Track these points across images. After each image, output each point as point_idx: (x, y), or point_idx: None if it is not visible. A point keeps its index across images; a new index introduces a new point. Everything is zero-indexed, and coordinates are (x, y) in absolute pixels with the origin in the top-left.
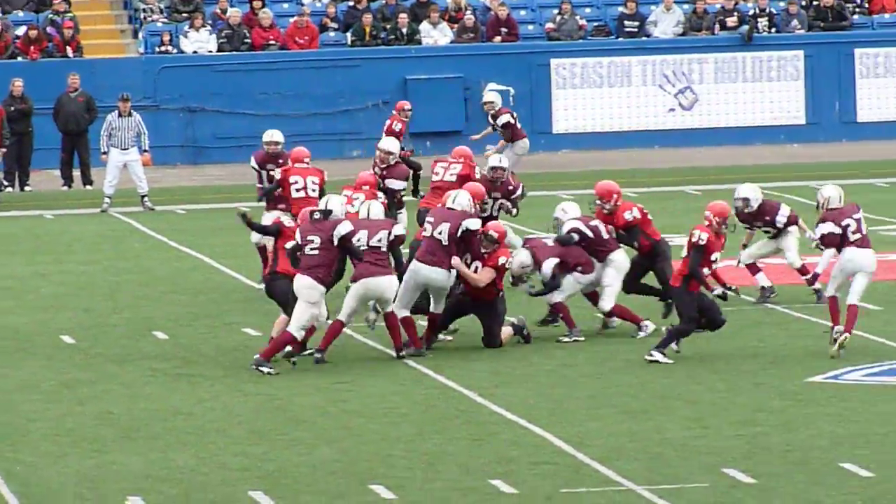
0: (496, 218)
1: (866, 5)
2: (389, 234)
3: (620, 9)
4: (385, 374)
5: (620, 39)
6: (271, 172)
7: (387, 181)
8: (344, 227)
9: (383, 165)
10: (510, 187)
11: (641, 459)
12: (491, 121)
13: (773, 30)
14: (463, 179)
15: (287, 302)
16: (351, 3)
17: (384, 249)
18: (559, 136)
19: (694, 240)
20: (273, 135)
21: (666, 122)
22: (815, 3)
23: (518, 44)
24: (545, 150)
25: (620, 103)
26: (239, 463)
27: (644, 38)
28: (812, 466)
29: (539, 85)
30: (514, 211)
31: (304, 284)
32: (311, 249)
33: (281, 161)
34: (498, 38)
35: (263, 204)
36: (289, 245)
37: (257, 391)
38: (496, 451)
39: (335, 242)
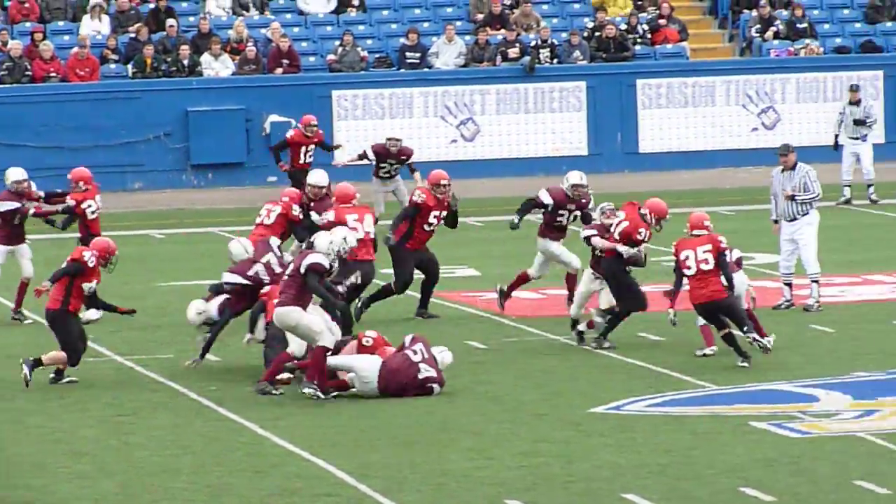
0: (565, 228)
1: (649, 36)
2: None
3: (402, 40)
4: (167, 407)
5: (402, 71)
6: (29, 209)
7: (312, 213)
8: (311, 258)
9: (315, 200)
10: (584, 201)
11: (424, 490)
12: (390, 157)
13: (556, 61)
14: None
15: (67, 340)
16: (132, 35)
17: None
18: (340, 167)
19: (724, 246)
20: (19, 173)
21: (448, 153)
22: (597, 34)
23: (300, 75)
24: None
25: (402, 134)
26: (20, 497)
27: (426, 70)
28: (594, 497)
29: (321, 116)
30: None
31: (276, 313)
32: (286, 276)
33: (28, 192)
34: (280, 70)
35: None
36: (87, 286)
37: (39, 424)
38: (278, 483)
39: (301, 272)
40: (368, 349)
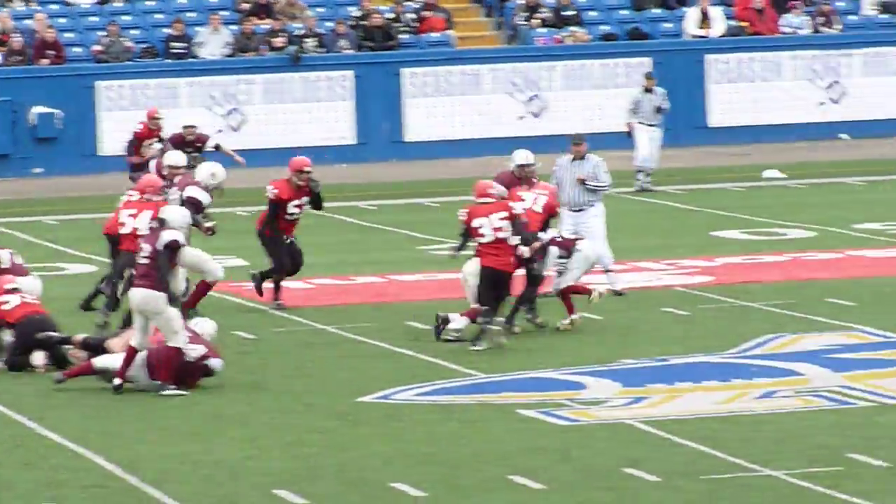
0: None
1: (415, 25)
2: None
3: (167, 30)
4: None
5: (168, 61)
6: None
7: (185, 191)
8: (168, 235)
9: (175, 180)
10: (532, 180)
11: (193, 481)
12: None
13: (322, 50)
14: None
15: None
16: None
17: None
18: (107, 158)
19: (517, 213)
20: None
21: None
22: (363, 23)
23: (65, 66)
24: (90, 173)
25: (167, 124)
26: None
27: (192, 60)
28: (364, 486)
29: (85, 107)
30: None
31: (137, 296)
32: (142, 258)
33: None
34: (45, 61)
35: None
36: None
37: None
38: (46, 475)
39: (160, 249)
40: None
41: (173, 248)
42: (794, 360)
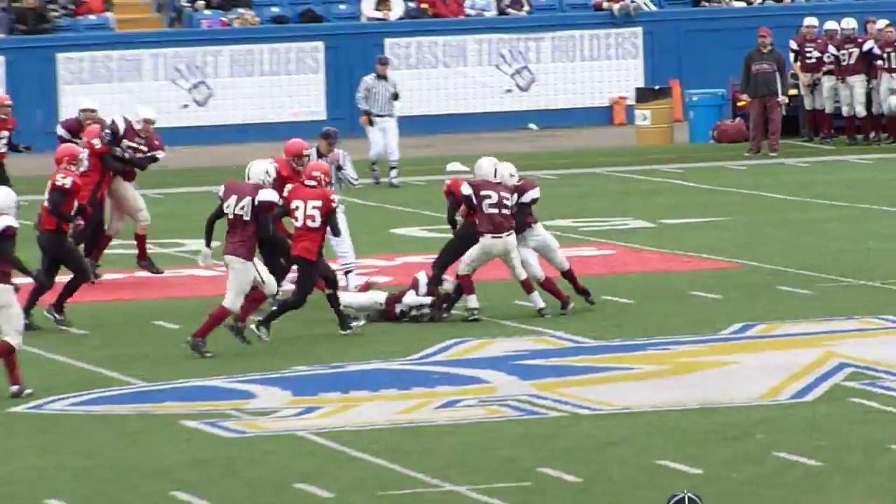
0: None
1: (71, 7)
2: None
3: None
4: None
5: None
6: None
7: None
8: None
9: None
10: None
11: None
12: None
13: None
14: None
15: None
16: None
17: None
18: None
19: (335, 206)
20: None
21: None
22: (15, 4)
23: None
24: None
25: None
26: None
27: None
28: (16, 503)
29: None
30: None
31: None
32: None
33: None
34: None
35: None
36: None
37: None
38: None
39: None
40: None
41: (9, 235)
42: (480, 367)
